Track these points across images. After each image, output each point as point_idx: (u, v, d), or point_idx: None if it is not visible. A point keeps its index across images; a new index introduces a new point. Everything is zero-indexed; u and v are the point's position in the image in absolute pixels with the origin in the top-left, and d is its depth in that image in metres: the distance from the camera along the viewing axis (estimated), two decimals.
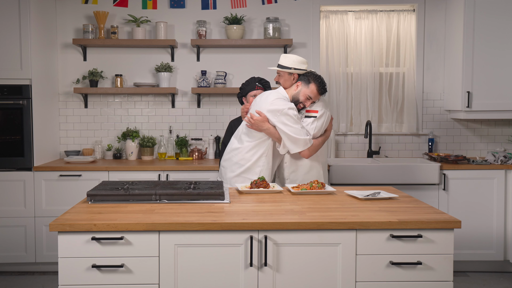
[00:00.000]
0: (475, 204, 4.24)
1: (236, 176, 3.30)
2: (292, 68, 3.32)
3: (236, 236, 2.29)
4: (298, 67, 3.33)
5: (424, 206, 2.63)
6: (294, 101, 3.29)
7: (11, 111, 4.17)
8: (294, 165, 3.38)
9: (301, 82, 3.28)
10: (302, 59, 3.36)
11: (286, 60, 3.35)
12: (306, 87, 3.26)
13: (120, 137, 4.72)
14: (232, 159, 3.34)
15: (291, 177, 3.39)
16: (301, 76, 3.32)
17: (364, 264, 2.32)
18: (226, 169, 3.38)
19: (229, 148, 3.42)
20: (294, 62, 3.33)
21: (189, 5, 4.81)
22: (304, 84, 3.27)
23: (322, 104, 3.36)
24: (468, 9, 4.38)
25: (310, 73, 3.31)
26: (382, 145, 4.88)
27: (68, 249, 2.26)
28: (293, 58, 3.34)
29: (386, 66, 4.90)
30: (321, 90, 3.27)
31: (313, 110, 3.32)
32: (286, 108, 3.18)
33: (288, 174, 3.39)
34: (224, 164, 3.42)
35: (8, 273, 4.27)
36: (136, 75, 4.83)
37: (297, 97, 3.28)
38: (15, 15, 4.12)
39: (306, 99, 3.27)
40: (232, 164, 3.33)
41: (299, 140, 3.17)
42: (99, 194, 2.70)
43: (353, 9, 4.85)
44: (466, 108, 4.42)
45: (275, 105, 3.21)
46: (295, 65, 3.32)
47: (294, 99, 3.29)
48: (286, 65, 3.33)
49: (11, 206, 4.19)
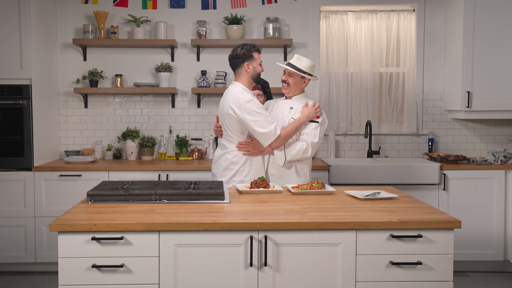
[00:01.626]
0: (475, 204, 4.24)
1: (228, 181, 3.29)
2: (307, 73, 3.35)
3: (236, 236, 2.29)
4: (311, 72, 3.38)
5: (424, 206, 2.64)
6: (256, 78, 3.30)
7: (11, 111, 4.17)
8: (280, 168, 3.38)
9: (247, 62, 3.25)
10: (313, 64, 3.41)
11: (302, 62, 3.35)
12: (253, 60, 3.27)
13: (120, 137, 4.72)
14: (222, 165, 3.32)
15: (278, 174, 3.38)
16: (240, 58, 3.26)
17: (364, 264, 2.32)
18: (216, 177, 3.37)
19: (216, 157, 3.40)
20: (309, 67, 3.36)
21: (189, 5, 4.81)
22: (250, 61, 3.26)
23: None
24: (468, 9, 4.38)
25: (245, 49, 3.26)
26: (382, 145, 4.88)
27: (68, 249, 2.26)
28: (308, 62, 3.36)
29: (386, 66, 4.90)
30: (258, 49, 3.31)
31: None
32: (244, 102, 3.14)
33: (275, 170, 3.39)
34: (214, 172, 3.40)
35: (8, 273, 4.27)
36: (136, 75, 4.83)
37: (255, 73, 3.29)
38: (15, 15, 4.12)
39: (259, 65, 3.30)
40: (222, 170, 3.31)
41: (265, 134, 3.16)
42: (99, 194, 2.70)
43: (353, 9, 4.85)
44: (466, 108, 4.42)
45: (237, 99, 3.18)
46: (309, 70, 3.36)
47: (254, 77, 3.30)
48: (303, 68, 3.34)
49: (11, 206, 4.19)
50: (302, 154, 3.28)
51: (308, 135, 3.31)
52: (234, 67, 3.31)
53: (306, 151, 3.28)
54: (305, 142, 3.28)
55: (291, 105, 3.42)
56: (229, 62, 3.32)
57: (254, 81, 3.32)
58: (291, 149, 3.28)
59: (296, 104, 3.41)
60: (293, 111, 3.39)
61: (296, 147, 3.28)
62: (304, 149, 3.27)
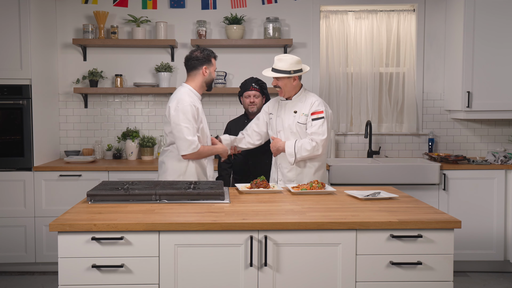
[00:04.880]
0: (475, 204, 4.24)
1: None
2: (292, 71, 3.30)
3: (236, 236, 2.29)
4: (296, 68, 3.32)
5: (424, 206, 2.63)
6: (209, 84, 3.32)
7: (11, 111, 4.17)
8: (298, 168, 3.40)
9: (206, 66, 3.26)
10: (297, 58, 3.33)
11: (282, 63, 3.30)
12: (211, 65, 3.29)
13: (120, 137, 4.72)
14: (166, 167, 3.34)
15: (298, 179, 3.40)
16: (200, 60, 3.26)
17: (364, 264, 2.32)
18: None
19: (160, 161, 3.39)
20: (291, 64, 3.29)
21: (189, 5, 4.81)
22: (208, 65, 3.28)
23: (320, 101, 3.39)
24: (468, 9, 4.38)
25: (205, 53, 3.28)
26: (382, 145, 4.88)
27: (68, 249, 2.26)
28: (289, 60, 3.30)
29: (386, 66, 4.89)
30: (216, 56, 3.34)
31: (317, 111, 3.33)
32: (182, 105, 3.14)
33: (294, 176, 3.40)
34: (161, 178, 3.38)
35: (8, 273, 4.27)
36: (136, 75, 4.83)
37: (210, 78, 3.31)
38: (15, 15, 4.12)
39: (214, 71, 3.35)
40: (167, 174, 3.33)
41: (189, 141, 3.11)
42: (99, 194, 2.70)
43: (353, 9, 4.85)
44: (466, 108, 4.42)
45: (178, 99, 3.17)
46: (293, 67, 3.30)
47: (208, 82, 3.32)
48: (284, 69, 3.29)
49: (11, 206, 4.19)
50: (312, 153, 3.30)
51: (316, 134, 3.31)
52: (191, 69, 3.30)
53: (317, 149, 3.30)
54: (314, 142, 3.29)
55: (294, 109, 3.40)
56: (186, 63, 3.31)
57: (206, 86, 3.33)
58: (301, 149, 3.30)
59: (298, 106, 3.40)
60: (297, 115, 3.38)
61: (306, 146, 3.29)
62: (314, 147, 3.29)
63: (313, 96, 3.43)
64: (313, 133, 3.31)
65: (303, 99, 3.41)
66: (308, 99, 3.40)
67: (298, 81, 3.41)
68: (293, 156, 3.31)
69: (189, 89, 3.26)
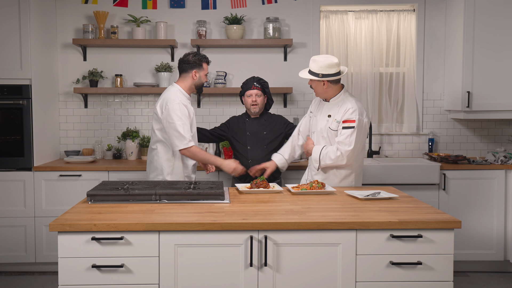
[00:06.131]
0: (475, 204, 4.24)
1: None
2: (320, 74, 3.19)
3: (236, 236, 2.29)
4: (327, 72, 3.18)
5: (424, 206, 2.64)
6: (199, 87, 3.41)
7: (11, 111, 4.17)
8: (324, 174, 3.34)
9: (196, 70, 3.36)
10: (331, 61, 3.19)
11: (314, 65, 3.22)
12: (202, 69, 3.38)
13: (120, 137, 4.72)
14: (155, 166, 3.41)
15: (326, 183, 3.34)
16: (191, 64, 3.36)
17: (364, 264, 2.32)
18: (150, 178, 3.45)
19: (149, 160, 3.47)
20: (321, 67, 3.18)
21: (189, 5, 4.80)
22: (199, 69, 3.36)
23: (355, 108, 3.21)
24: (468, 9, 4.38)
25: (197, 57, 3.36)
26: (382, 145, 4.88)
27: (68, 249, 2.26)
28: (321, 62, 3.19)
29: (386, 66, 4.89)
30: (208, 61, 3.43)
31: (349, 119, 3.20)
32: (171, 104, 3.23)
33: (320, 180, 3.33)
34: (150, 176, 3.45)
35: (8, 273, 4.27)
36: (136, 75, 4.83)
37: (199, 82, 3.40)
38: (15, 15, 4.12)
39: (205, 76, 3.43)
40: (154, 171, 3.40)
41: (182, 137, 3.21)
42: (99, 194, 2.70)
43: (353, 9, 4.85)
44: (466, 108, 4.42)
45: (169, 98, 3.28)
46: (323, 71, 3.18)
47: (198, 86, 3.41)
48: (314, 71, 3.21)
49: (11, 206, 4.19)
50: (335, 162, 3.22)
51: (343, 144, 3.19)
52: (182, 71, 3.41)
53: (341, 159, 3.20)
54: (339, 152, 3.19)
55: (329, 112, 3.30)
56: (179, 64, 3.43)
57: (195, 89, 3.43)
58: (326, 157, 3.23)
59: (334, 110, 3.28)
60: (330, 119, 3.27)
61: (331, 155, 3.21)
62: (338, 157, 3.20)
63: (350, 101, 3.25)
64: (339, 142, 3.20)
65: (340, 103, 3.28)
66: (345, 104, 3.25)
67: (332, 84, 3.24)
68: (318, 162, 3.26)
69: (179, 89, 3.38)
